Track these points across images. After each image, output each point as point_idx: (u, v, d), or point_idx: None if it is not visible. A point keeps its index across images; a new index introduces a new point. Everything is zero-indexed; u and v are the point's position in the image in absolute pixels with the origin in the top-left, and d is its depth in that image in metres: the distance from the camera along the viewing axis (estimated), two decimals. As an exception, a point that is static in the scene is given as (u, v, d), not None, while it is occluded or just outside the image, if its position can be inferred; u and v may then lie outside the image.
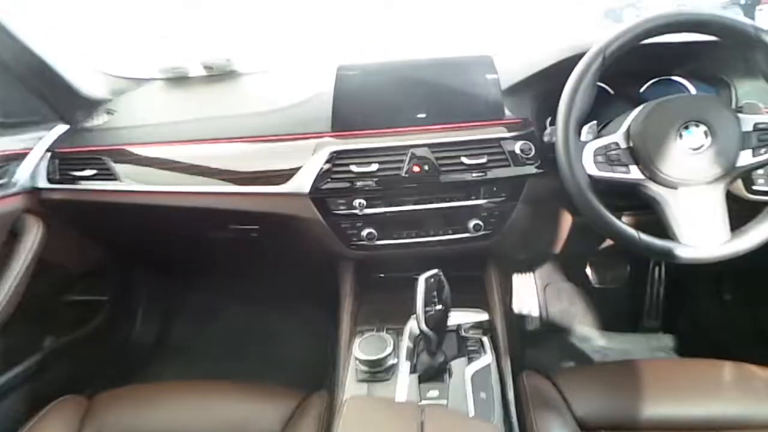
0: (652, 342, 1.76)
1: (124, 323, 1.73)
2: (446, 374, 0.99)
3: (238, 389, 1.14)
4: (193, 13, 1.84)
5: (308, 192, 1.16)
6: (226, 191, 1.21)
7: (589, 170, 1.00)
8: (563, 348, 1.78)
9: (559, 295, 1.90)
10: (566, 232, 1.37)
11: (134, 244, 1.53)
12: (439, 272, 0.96)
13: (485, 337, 1.08)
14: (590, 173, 1.00)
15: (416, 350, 1.03)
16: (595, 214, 0.98)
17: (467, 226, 1.19)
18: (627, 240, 0.98)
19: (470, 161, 1.15)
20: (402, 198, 1.18)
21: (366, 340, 1.01)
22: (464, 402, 0.93)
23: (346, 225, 1.19)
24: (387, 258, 1.28)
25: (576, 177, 0.98)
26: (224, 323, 1.87)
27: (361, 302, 1.27)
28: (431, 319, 0.94)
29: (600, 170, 1.00)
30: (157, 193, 1.24)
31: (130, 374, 1.66)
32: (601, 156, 1.00)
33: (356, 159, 1.16)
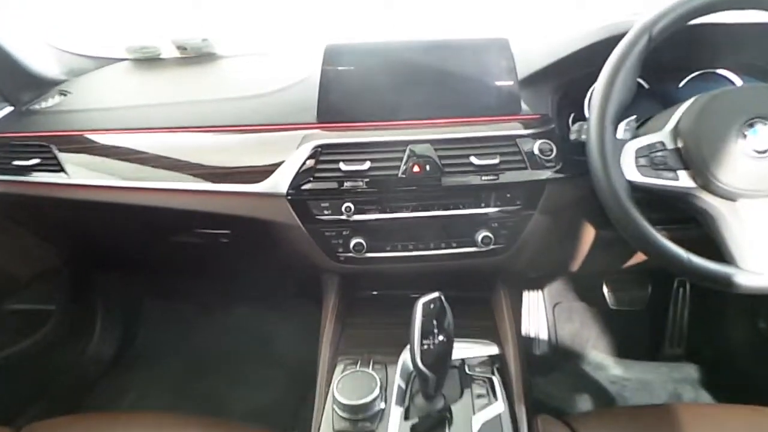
0: (675, 373, 1.57)
1: (79, 335, 1.53)
2: (447, 424, 0.80)
3: (198, 426, 0.95)
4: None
5: (286, 193, 0.98)
6: (189, 189, 1.02)
7: (628, 175, 0.82)
8: (574, 377, 1.59)
9: (571, 316, 1.71)
10: (587, 247, 1.19)
11: (89, 245, 1.33)
12: (440, 296, 0.77)
13: (495, 376, 0.89)
14: (630, 179, 0.82)
15: (410, 392, 0.84)
16: (636, 230, 0.80)
17: (474, 239, 1.01)
18: (673, 262, 0.80)
19: (480, 162, 0.97)
20: (398, 203, 0.99)
21: (348, 378, 0.82)
22: None
23: (331, 233, 1.00)
24: (378, 273, 1.09)
25: (613, 183, 0.80)
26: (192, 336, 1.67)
27: (345, 325, 1.08)
28: (430, 354, 0.76)
29: (642, 175, 0.82)
30: (108, 189, 1.05)
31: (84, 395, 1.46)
32: (644, 158, 0.82)
33: (345, 155, 0.98)
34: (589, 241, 1.18)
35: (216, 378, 1.55)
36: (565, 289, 1.74)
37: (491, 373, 0.89)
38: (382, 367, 0.89)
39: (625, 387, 1.53)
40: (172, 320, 1.70)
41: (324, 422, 0.82)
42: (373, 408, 0.80)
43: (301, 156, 0.97)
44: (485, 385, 0.86)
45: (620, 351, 1.64)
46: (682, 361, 1.60)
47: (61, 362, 1.47)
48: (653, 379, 1.55)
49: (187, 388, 1.52)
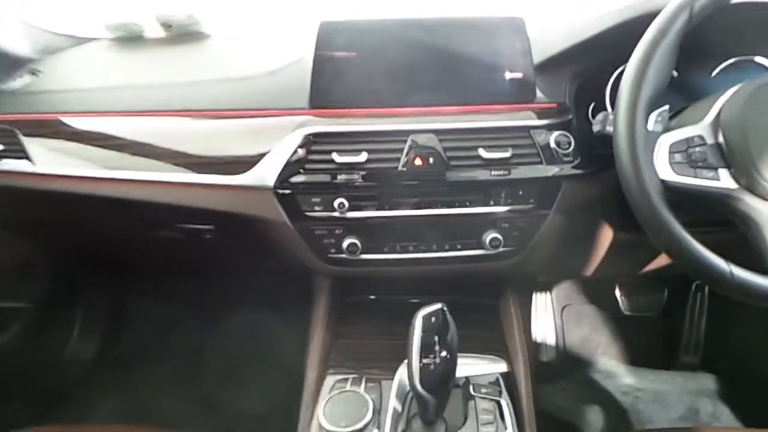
0: (691, 383, 1.47)
1: (57, 336, 1.43)
2: None
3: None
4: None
5: (273, 186, 0.87)
6: (167, 180, 0.92)
7: (662, 173, 0.72)
8: (583, 385, 1.49)
9: (580, 320, 1.61)
10: (603, 251, 1.08)
11: (64, 240, 1.23)
12: (442, 307, 0.67)
13: (504, 398, 0.78)
14: (663, 178, 0.71)
15: (407, 415, 0.75)
16: (670, 236, 0.69)
17: (482, 241, 0.91)
18: (713, 275, 0.69)
19: (490, 155, 0.87)
20: (397, 199, 0.89)
21: (336, 401, 0.72)
22: None
23: (322, 232, 0.91)
24: (375, 277, 0.99)
25: (644, 182, 0.70)
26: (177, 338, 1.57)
27: (337, 335, 0.98)
28: (430, 374, 0.66)
29: (678, 174, 0.71)
30: (77, 179, 0.95)
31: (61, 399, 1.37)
32: (680, 154, 0.72)
33: (339, 145, 0.88)
34: (605, 244, 1.08)
35: (201, 381, 1.46)
36: (574, 292, 1.64)
37: (499, 395, 0.79)
38: (375, 386, 0.80)
39: (638, 399, 1.43)
40: (156, 321, 1.60)
41: None
42: (363, 436, 0.70)
43: (290, 145, 0.87)
44: (493, 409, 0.76)
45: (633, 359, 1.54)
46: (698, 371, 1.50)
47: (35, 364, 1.37)
48: (668, 390, 1.45)
49: (171, 392, 1.43)
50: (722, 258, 0.70)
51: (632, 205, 0.71)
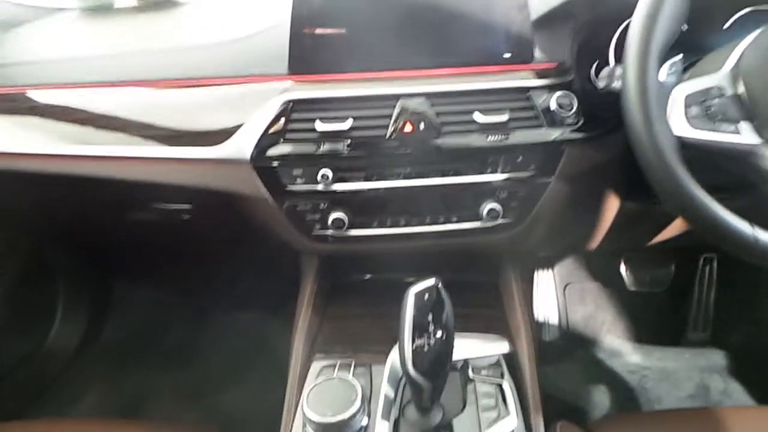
0: (700, 360, 1.41)
1: (37, 323, 1.37)
2: None
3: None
4: None
5: (250, 158, 0.80)
6: (136, 156, 0.85)
7: (676, 129, 0.65)
8: (587, 365, 1.43)
9: (584, 298, 1.55)
10: (609, 222, 1.02)
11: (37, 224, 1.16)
12: (437, 283, 0.61)
13: (506, 381, 0.72)
14: (678, 133, 0.65)
15: (400, 402, 0.68)
16: (686, 196, 0.63)
17: (479, 213, 0.84)
18: (735, 239, 0.63)
19: (485, 119, 0.80)
20: (386, 169, 0.82)
21: (322, 388, 0.65)
22: None
23: (306, 207, 0.84)
24: (364, 255, 0.93)
25: (657, 138, 0.63)
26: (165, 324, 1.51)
27: (325, 317, 0.91)
28: (424, 357, 0.59)
29: (694, 128, 0.64)
30: (44, 157, 0.88)
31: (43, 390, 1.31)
32: (696, 107, 0.65)
33: (322, 112, 0.81)
34: (611, 215, 1.01)
35: (188, 372, 1.40)
36: (577, 269, 1.57)
37: (501, 377, 0.73)
38: (365, 371, 0.73)
39: (645, 377, 1.38)
40: (141, 310, 1.54)
41: None
42: (352, 426, 0.63)
43: (268, 113, 0.80)
44: (494, 394, 0.70)
45: (639, 336, 1.48)
46: (707, 348, 1.44)
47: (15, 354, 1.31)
48: (676, 367, 1.39)
49: (157, 382, 1.37)
50: (745, 221, 0.63)
51: (644, 165, 0.64)
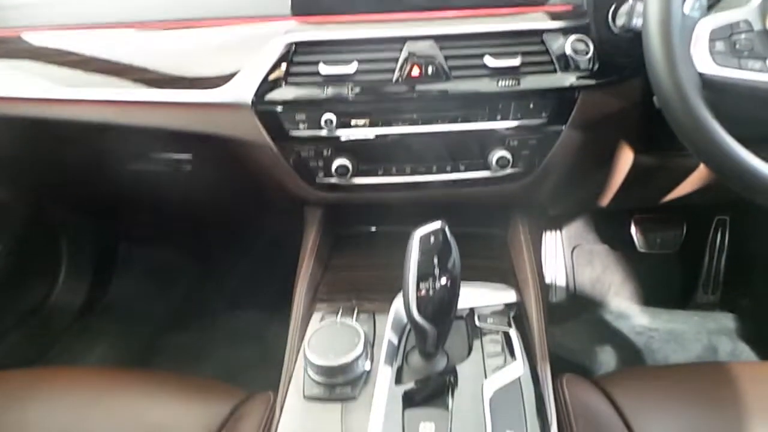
0: (709, 322, 1.39)
1: (40, 282, 1.36)
2: (450, 391, 0.63)
3: (164, 382, 0.83)
4: None
5: (251, 102, 0.77)
6: (134, 100, 0.82)
7: (700, 65, 0.61)
8: (594, 327, 1.42)
9: (592, 260, 1.53)
10: (622, 177, 0.99)
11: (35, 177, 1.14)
12: (443, 226, 0.58)
13: (513, 329, 0.70)
14: (702, 71, 0.61)
15: (403, 349, 0.67)
16: (709, 138, 0.59)
17: (488, 161, 0.81)
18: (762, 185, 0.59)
19: (497, 63, 0.77)
20: (392, 115, 0.79)
21: (323, 332, 0.64)
22: None
23: (309, 153, 0.81)
24: (369, 205, 0.90)
25: (679, 75, 0.59)
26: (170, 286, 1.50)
27: (328, 268, 0.90)
28: (429, 301, 0.58)
29: (719, 65, 0.60)
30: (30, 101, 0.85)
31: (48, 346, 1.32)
32: (722, 42, 0.61)
33: (326, 54, 0.77)
34: (624, 170, 0.98)
35: (194, 331, 1.40)
36: (585, 230, 1.54)
37: (507, 325, 0.71)
38: (368, 318, 0.72)
39: (652, 338, 1.36)
40: (148, 268, 1.53)
41: (292, 387, 0.65)
42: (354, 369, 0.62)
43: (270, 56, 0.77)
44: (500, 341, 0.68)
45: (647, 299, 1.47)
46: (717, 310, 1.42)
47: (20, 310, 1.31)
48: (684, 329, 1.38)
49: (162, 341, 1.38)
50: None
51: (663, 104, 0.61)
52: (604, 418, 0.70)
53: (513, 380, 0.63)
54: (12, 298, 1.28)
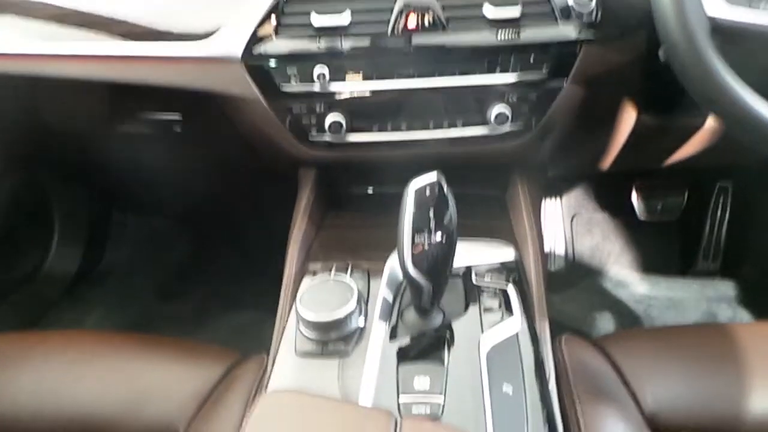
0: (708, 289, 1.38)
1: (32, 249, 1.35)
2: (446, 346, 0.61)
3: (156, 345, 0.82)
4: None
5: (240, 55, 0.74)
6: (114, 54, 0.79)
7: (710, 8, 0.58)
8: (593, 294, 1.41)
9: (591, 228, 1.51)
10: (624, 137, 0.96)
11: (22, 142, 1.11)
12: (438, 179, 0.56)
13: (511, 286, 0.69)
14: (712, 14, 0.58)
15: (399, 306, 0.65)
16: (719, 85, 0.57)
17: (486, 117, 0.78)
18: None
19: (496, 13, 0.73)
20: (387, 68, 0.76)
21: (316, 288, 0.62)
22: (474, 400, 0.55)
23: (301, 109, 0.79)
24: (364, 164, 0.88)
25: (687, 18, 0.56)
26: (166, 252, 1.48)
27: (322, 227, 0.88)
28: (424, 256, 0.56)
29: (731, 4, 0.57)
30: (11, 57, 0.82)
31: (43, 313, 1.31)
32: (733, -17, 0.58)
33: (318, 4, 0.74)
34: (626, 129, 0.95)
35: (190, 299, 1.39)
36: (585, 198, 1.52)
37: (505, 283, 0.69)
38: (363, 275, 0.70)
39: (651, 306, 1.35)
40: (143, 237, 1.51)
41: (284, 344, 0.63)
42: (347, 326, 0.61)
43: (260, 6, 0.74)
44: (497, 298, 0.67)
45: (646, 266, 1.45)
46: (717, 278, 1.41)
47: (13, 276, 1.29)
48: (684, 296, 1.36)
49: (157, 310, 1.37)
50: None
51: (671, 51, 0.58)
52: (602, 376, 0.69)
53: (510, 336, 0.61)
54: (4, 266, 1.26)
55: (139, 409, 0.70)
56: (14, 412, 0.71)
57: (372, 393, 0.55)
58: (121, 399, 0.71)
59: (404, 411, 0.52)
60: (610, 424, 0.62)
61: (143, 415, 0.70)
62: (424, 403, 0.54)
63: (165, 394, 0.72)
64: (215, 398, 0.71)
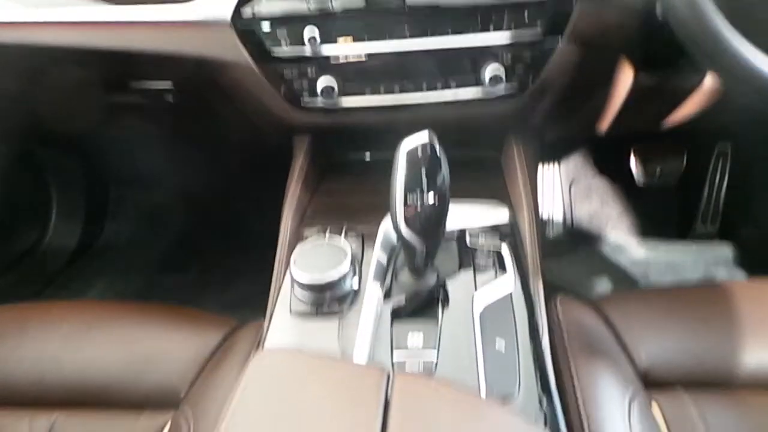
0: (707, 252, 1.38)
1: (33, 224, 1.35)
2: (440, 306, 0.62)
3: (156, 313, 0.83)
4: None
5: (230, 18, 0.73)
6: (96, 20, 0.78)
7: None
8: (592, 260, 1.41)
9: (589, 195, 1.50)
10: (622, 98, 0.95)
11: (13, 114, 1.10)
12: (430, 139, 0.56)
13: (505, 247, 0.69)
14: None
15: (393, 268, 0.65)
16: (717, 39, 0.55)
17: (481, 78, 0.77)
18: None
19: (489, -30, 0.71)
20: (379, 30, 0.75)
21: (309, 250, 0.62)
22: (468, 358, 0.56)
23: (293, 73, 0.78)
24: (357, 130, 0.87)
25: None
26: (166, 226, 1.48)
27: (316, 192, 0.87)
28: (417, 216, 0.55)
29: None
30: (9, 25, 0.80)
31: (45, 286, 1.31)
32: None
33: None
34: (624, 90, 0.94)
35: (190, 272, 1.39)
36: (583, 165, 1.51)
37: (499, 244, 0.69)
38: (357, 238, 0.70)
39: (649, 269, 1.35)
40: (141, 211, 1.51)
41: (279, 305, 0.64)
42: (341, 287, 0.61)
43: (248, -33, 0.72)
44: (491, 258, 0.67)
45: (644, 231, 1.45)
46: (715, 241, 1.41)
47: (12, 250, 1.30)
48: (682, 260, 1.37)
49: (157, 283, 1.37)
50: None
51: (669, 7, 0.57)
52: (597, 335, 0.69)
53: (505, 296, 0.61)
54: (4, 240, 1.26)
55: (140, 374, 0.72)
56: (17, 379, 0.72)
57: (366, 350, 0.56)
58: (122, 364, 0.72)
59: (398, 368, 0.53)
60: (604, 379, 0.63)
61: (145, 380, 0.71)
62: (417, 360, 0.54)
63: (166, 359, 0.73)
64: (215, 362, 0.72)
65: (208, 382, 0.70)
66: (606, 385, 0.63)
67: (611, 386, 0.63)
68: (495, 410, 0.39)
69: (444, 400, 0.40)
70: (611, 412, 0.59)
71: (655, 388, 0.65)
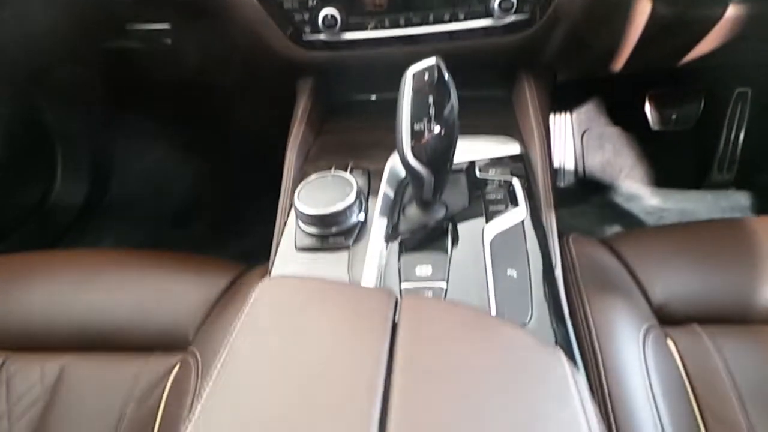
0: (722, 200, 1.35)
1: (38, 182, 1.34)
2: (449, 239, 0.60)
3: (162, 260, 0.82)
4: None
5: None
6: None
7: None
8: (604, 209, 1.38)
9: (602, 144, 1.46)
10: (638, 33, 0.90)
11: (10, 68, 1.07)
12: (437, 63, 0.53)
13: (516, 179, 0.66)
14: None
15: (400, 202, 0.64)
16: None
17: (490, 6, 0.74)
18: None
19: None
20: None
21: (314, 184, 0.60)
22: (478, 285, 0.55)
23: (292, 4, 0.74)
24: (361, 66, 0.84)
25: None
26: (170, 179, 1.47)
27: (321, 132, 0.85)
28: (424, 145, 0.53)
29: None
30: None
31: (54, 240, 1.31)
32: None
33: None
34: (640, 23, 0.89)
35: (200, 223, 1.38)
36: (596, 113, 1.47)
37: (510, 175, 0.67)
38: (363, 173, 0.68)
39: (663, 218, 1.33)
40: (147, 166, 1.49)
41: (284, 240, 0.63)
42: (347, 219, 0.59)
43: None
44: (502, 189, 0.64)
45: (659, 179, 1.41)
46: (731, 189, 1.37)
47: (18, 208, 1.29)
48: (697, 208, 1.34)
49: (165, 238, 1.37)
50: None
51: None
52: (610, 271, 0.67)
53: (515, 224, 0.59)
54: (10, 197, 1.25)
55: (149, 317, 0.71)
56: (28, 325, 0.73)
57: (373, 282, 0.54)
58: (131, 308, 0.72)
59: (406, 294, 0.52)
60: (618, 314, 0.61)
61: (153, 322, 0.71)
62: (426, 288, 0.53)
63: (174, 302, 0.73)
64: (222, 304, 0.72)
65: (215, 324, 0.70)
66: (620, 319, 0.61)
67: (625, 321, 0.61)
68: (508, 329, 0.38)
69: (454, 320, 0.39)
70: (626, 345, 0.58)
71: (670, 324, 0.64)
